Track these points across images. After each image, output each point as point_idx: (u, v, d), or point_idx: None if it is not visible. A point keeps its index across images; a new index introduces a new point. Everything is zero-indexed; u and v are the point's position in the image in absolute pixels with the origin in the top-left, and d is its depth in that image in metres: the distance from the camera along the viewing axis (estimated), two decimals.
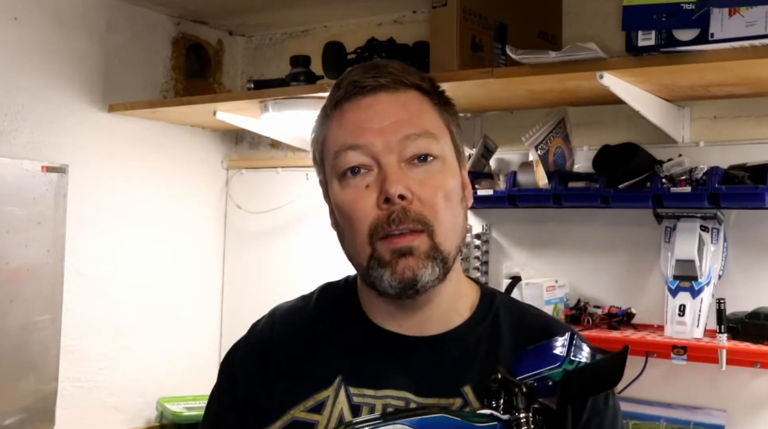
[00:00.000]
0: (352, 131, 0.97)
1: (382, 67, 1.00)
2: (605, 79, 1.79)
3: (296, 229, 2.88)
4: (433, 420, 0.76)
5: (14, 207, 2.37)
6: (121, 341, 2.72)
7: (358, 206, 0.95)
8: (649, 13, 1.70)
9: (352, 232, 0.97)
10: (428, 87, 1.01)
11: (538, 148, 2.10)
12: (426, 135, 0.97)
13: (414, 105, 0.99)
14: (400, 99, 0.98)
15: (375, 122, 0.96)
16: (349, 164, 0.96)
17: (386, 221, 0.93)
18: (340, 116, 0.99)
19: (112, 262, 2.69)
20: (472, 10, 2.05)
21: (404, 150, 0.95)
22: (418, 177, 0.95)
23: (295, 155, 2.92)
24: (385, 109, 0.97)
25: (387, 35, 2.42)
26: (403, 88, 0.99)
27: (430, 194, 0.95)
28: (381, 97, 0.98)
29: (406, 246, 0.93)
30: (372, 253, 0.95)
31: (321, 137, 1.02)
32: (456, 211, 0.98)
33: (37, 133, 2.49)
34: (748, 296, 1.98)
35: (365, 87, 0.98)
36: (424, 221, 0.94)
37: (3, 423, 2.33)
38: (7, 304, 2.35)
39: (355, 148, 0.96)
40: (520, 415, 0.78)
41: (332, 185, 1.00)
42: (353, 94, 0.98)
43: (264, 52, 3.06)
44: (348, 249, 1.00)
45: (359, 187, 0.96)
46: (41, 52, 2.51)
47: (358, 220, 0.95)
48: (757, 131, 2.04)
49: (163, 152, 2.86)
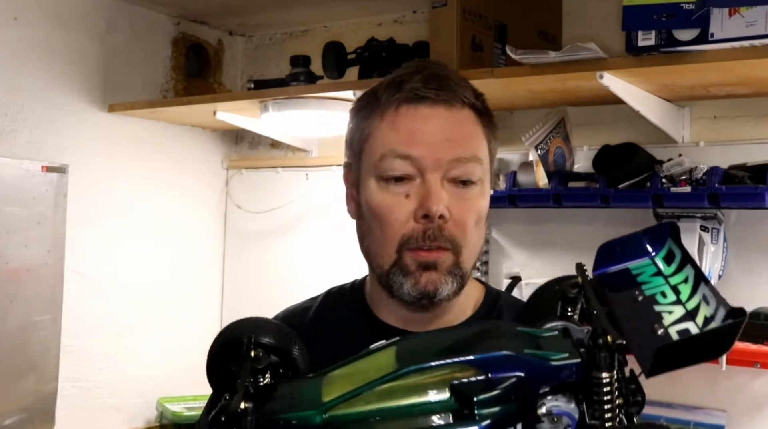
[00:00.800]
0: (405, 140, 0.97)
1: (443, 79, 0.99)
2: (605, 79, 1.79)
3: (296, 229, 2.88)
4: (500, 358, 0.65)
5: (14, 207, 2.37)
6: (121, 341, 2.72)
7: (394, 213, 0.96)
8: (649, 13, 1.70)
9: (382, 235, 0.97)
10: (482, 107, 1.02)
11: (538, 148, 2.10)
12: (474, 160, 0.98)
13: (468, 126, 0.99)
14: (457, 116, 0.99)
15: (428, 136, 0.96)
16: (395, 172, 0.96)
17: (421, 236, 0.94)
18: (394, 119, 0.98)
19: (112, 262, 2.69)
20: (472, 10, 2.05)
21: (451, 170, 0.96)
22: (457, 198, 0.96)
23: (295, 155, 2.92)
24: (441, 124, 0.97)
25: (387, 35, 2.42)
26: (460, 106, 0.99)
27: (465, 217, 0.96)
28: (439, 111, 0.98)
29: (433, 261, 0.95)
30: (397, 260, 0.96)
31: (367, 130, 1.01)
32: (481, 233, 1.00)
33: (37, 133, 2.49)
34: (748, 296, 1.98)
35: (426, 98, 0.97)
36: (455, 242, 0.95)
37: (3, 423, 2.33)
38: (7, 304, 2.35)
39: (404, 158, 0.96)
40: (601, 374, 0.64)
41: (368, 182, 0.99)
42: (413, 100, 0.98)
43: (264, 52, 3.06)
44: (370, 247, 1.01)
45: (398, 194, 0.97)
46: (41, 52, 2.51)
47: (391, 226, 0.96)
48: (757, 131, 2.04)
49: (163, 152, 2.86)
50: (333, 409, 0.65)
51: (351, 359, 0.73)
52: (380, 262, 0.98)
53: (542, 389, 0.66)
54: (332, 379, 0.70)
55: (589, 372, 0.65)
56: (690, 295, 0.70)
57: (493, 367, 0.65)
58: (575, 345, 0.69)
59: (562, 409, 0.66)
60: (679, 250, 0.75)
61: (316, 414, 0.66)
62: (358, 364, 0.71)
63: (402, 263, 0.96)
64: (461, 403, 0.63)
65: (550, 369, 0.66)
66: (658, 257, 0.76)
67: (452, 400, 0.64)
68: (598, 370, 0.65)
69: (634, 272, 0.75)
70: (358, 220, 1.04)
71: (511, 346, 0.67)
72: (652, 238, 0.76)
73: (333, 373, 0.72)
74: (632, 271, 0.76)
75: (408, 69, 1.02)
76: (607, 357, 0.65)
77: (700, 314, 0.68)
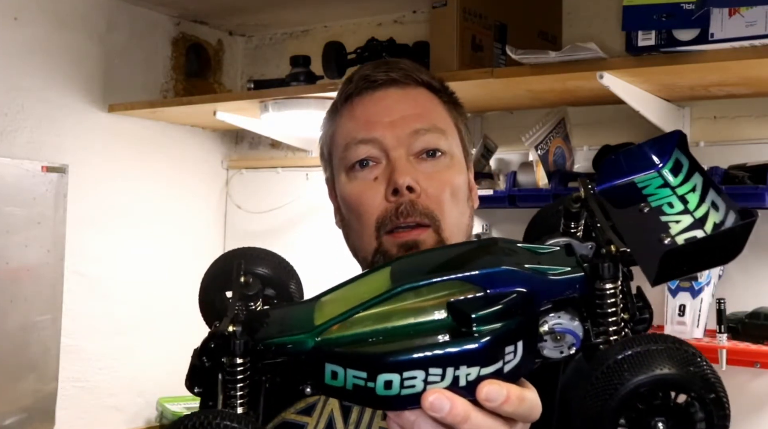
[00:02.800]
0: (363, 125, 0.97)
1: (393, 63, 1.00)
2: (605, 79, 1.79)
3: (296, 229, 2.88)
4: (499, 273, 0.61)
5: (14, 207, 2.37)
6: (121, 341, 2.72)
7: (365, 198, 0.95)
8: (649, 13, 1.70)
9: (359, 224, 0.96)
10: (438, 86, 1.01)
11: (538, 148, 2.10)
12: (435, 130, 0.96)
13: (424, 101, 0.99)
14: (411, 94, 0.98)
15: (385, 116, 0.96)
16: (359, 157, 0.96)
17: (394, 214, 0.92)
18: (351, 110, 0.99)
19: (112, 262, 2.69)
20: (472, 10, 2.05)
21: (413, 144, 0.95)
22: (426, 171, 0.95)
23: (295, 155, 2.92)
24: (396, 103, 0.97)
25: (387, 35, 2.42)
26: (414, 85, 0.99)
27: (437, 189, 0.94)
28: (391, 91, 0.98)
29: (413, 240, 0.92)
30: (378, 247, 0.94)
31: (330, 132, 1.02)
32: (462, 209, 0.98)
33: (37, 133, 2.49)
34: (748, 296, 1.98)
35: (376, 81, 0.98)
36: (431, 215, 0.93)
37: (3, 423, 2.33)
38: (7, 304, 2.35)
39: (365, 142, 0.95)
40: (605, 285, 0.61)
41: (339, 178, 0.99)
42: (364, 88, 0.98)
43: (264, 52, 3.07)
44: (353, 243, 0.99)
45: (367, 180, 0.95)
46: (41, 52, 2.51)
47: (365, 212, 0.95)
48: (757, 131, 2.04)
49: (163, 152, 2.86)
50: (326, 332, 0.62)
51: (344, 282, 0.69)
52: (364, 254, 0.96)
53: (544, 306, 0.62)
54: (325, 303, 0.67)
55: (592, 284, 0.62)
56: (698, 204, 0.67)
57: (491, 283, 0.61)
58: (578, 260, 0.65)
59: (564, 327, 0.63)
60: (686, 159, 0.71)
61: (308, 337, 0.63)
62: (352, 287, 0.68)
63: (383, 249, 0.93)
64: (459, 321, 0.60)
65: (551, 284, 0.63)
66: (665, 169, 0.72)
67: (450, 318, 0.61)
68: (602, 281, 0.62)
69: (640, 185, 0.72)
70: (341, 225, 1.03)
71: (511, 262, 0.63)
72: (658, 150, 0.73)
73: (326, 297, 0.68)
74: (638, 184, 0.72)
75: (359, 67, 1.03)
76: (610, 267, 0.62)
77: (709, 221, 0.65)
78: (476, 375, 0.58)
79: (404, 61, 1.02)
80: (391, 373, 0.58)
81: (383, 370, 0.58)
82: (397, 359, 0.58)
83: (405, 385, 0.58)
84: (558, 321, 0.63)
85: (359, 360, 0.59)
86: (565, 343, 0.63)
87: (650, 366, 0.57)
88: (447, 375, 0.58)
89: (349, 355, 0.60)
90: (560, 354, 0.63)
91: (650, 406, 0.59)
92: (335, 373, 0.60)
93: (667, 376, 0.58)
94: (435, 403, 0.57)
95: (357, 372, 0.59)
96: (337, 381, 0.60)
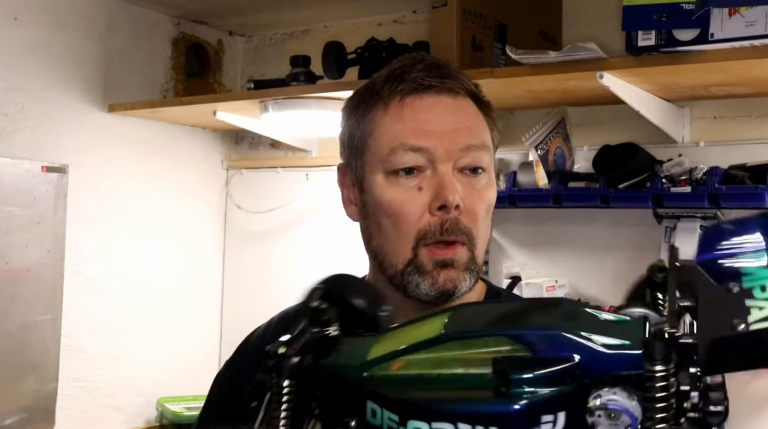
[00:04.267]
0: (414, 131, 0.94)
1: (445, 68, 0.97)
2: (605, 79, 1.79)
3: (296, 229, 2.88)
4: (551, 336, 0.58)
5: (14, 207, 2.37)
6: (121, 341, 2.72)
7: (407, 207, 0.93)
8: (649, 13, 1.70)
9: (396, 232, 0.94)
10: (483, 98, 1.00)
11: (538, 148, 2.10)
12: (483, 148, 0.95)
13: (474, 114, 0.97)
14: (461, 105, 0.96)
15: (436, 125, 0.94)
16: (406, 164, 0.93)
17: (439, 230, 0.91)
18: (400, 111, 0.95)
19: (112, 262, 2.69)
20: (472, 10, 2.05)
21: (461, 159, 0.94)
22: (468, 188, 0.94)
23: (295, 155, 2.92)
24: (448, 113, 0.95)
25: (387, 35, 2.42)
26: (464, 94, 0.97)
27: (477, 207, 0.94)
28: (443, 99, 0.95)
29: (450, 258, 0.92)
30: (412, 258, 0.92)
31: (370, 126, 0.97)
32: (489, 224, 0.98)
33: (37, 133, 2.49)
34: None
35: (431, 87, 0.95)
36: (470, 234, 0.93)
37: (3, 423, 2.33)
38: (7, 304, 2.35)
39: (416, 150, 0.93)
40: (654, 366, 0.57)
41: (375, 178, 0.95)
42: (417, 90, 0.95)
43: (264, 52, 3.07)
44: (382, 245, 0.96)
45: (410, 188, 0.93)
46: (41, 52, 2.51)
47: (406, 221, 0.92)
48: (757, 131, 2.04)
49: (163, 152, 2.86)
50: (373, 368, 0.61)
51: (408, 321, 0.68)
52: (393, 262, 0.94)
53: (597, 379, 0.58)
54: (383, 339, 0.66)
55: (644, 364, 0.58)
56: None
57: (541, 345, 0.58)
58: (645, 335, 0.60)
59: (620, 405, 0.57)
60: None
61: (356, 370, 0.62)
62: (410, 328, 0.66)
63: (418, 262, 0.92)
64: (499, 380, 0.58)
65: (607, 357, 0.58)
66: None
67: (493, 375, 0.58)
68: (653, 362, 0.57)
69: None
70: (364, 221, 0.99)
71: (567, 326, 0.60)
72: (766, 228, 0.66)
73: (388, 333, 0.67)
74: None
75: (405, 61, 0.99)
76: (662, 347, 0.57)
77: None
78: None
79: (452, 66, 0.99)
80: (420, 421, 0.57)
81: (413, 416, 0.57)
82: (429, 408, 0.58)
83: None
84: (613, 397, 0.58)
85: (394, 402, 0.59)
86: (621, 423, 0.58)
87: None
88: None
89: (386, 396, 0.60)
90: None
91: None
92: (374, 411, 0.60)
93: None
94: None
95: (391, 414, 0.59)
96: (376, 419, 0.60)
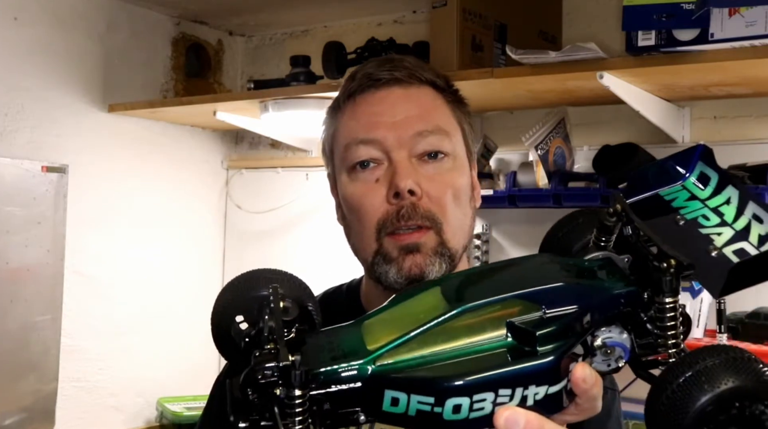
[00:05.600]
0: (365, 124, 0.95)
1: (397, 61, 0.99)
2: (605, 79, 1.79)
3: (296, 229, 2.88)
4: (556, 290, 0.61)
5: (14, 207, 2.37)
6: (121, 341, 2.72)
7: (366, 200, 0.94)
8: (649, 13, 1.70)
9: (360, 226, 0.95)
10: (442, 84, 1.00)
11: (538, 148, 2.10)
12: (438, 132, 0.95)
13: (427, 101, 0.97)
14: (414, 94, 0.97)
15: (388, 116, 0.95)
16: (360, 158, 0.95)
17: (395, 217, 0.91)
18: (353, 108, 0.97)
19: (112, 262, 2.69)
20: (472, 10, 2.05)
21: (416, 146, 0.94)
22: (428, 173, 0.94)
23: (295, 155, 2.92)
24: (399, 103, 0.96)
25: (387, 35, 2.42)
26: (417, 83, 0.97)
27: (440, 191, 0.93)
28: (395, 90, 0.96)
29: (414, 243, 0.92)
30: (378, 248, 0.93)
31: (332, 129, 1.00)
32: (464, 210, 0.97)
33: (37, 133, 2.49)
34: (748, 296, 1.98)
35: (380, 80, 0.96)
36: (433, 218, 0.92)
37: (3, 423, 2.33)
38: (7, 304, 2.35)
39: (366, 143, 0.94)
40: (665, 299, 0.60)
41: (341, 178, 0.98)
42: (367, 86, 0.96)
43: (264, 52, 3.07)
44: (354, 243, 0.99)
45: (369, 181, 0.94)
46: (41, 52, 2.51)
47: (366, 214, 0.94)
48: (757, 131, 2.04)
49: (163, 152, 2.86)
50: (382, 357, 0.60)
51: (388, 305, 0.67)
52: (364, 256, 0.95)
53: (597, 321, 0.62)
54: (373, 326, 0.65)
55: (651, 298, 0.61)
56: (736, 216, 0.66)
57: (549, 300, 0.61)
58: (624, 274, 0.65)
59: (615, 340, 0.62)
60: (714, 172, 0.70)
61: (364, 364, 0.60)
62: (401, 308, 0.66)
63: (383, 251, 0.93)
64: (521, 340, 0.59)
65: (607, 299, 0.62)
66: (690, 181, 0.71)
67: (508, 337, 0.60)
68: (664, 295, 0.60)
69: (667, 198, 0.71)
70: (343, 223, 1.02)
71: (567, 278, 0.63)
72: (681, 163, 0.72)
73: (370, 320, 0.66)
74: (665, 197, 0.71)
75: (363, 63, 1.01)
76: (672, 281, 0.60)
77: (752, 233, 0.65)
78: (544, 393, 0.58)
79: (409, 59, 1.00)
80: (461, 397, 0.57)
81: (452, 394, 0.57)
82: (467, 382, 0.57)
83: (474, 408, 0.57)
84: (609, 334, 0.62)
85: (425, 385, 0.58)
86: (614, 356, 0.63)
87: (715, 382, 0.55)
88: (516, 395, 0.58)
89: (413, 381, 0.59)
90: (608, 367, 0.63)
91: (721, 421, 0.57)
92: (396, 399, 0.59)
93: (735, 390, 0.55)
94: (510, 418, 0.56)
95: (423, 397, 0.58)
96: (398, 407, 0.59)
